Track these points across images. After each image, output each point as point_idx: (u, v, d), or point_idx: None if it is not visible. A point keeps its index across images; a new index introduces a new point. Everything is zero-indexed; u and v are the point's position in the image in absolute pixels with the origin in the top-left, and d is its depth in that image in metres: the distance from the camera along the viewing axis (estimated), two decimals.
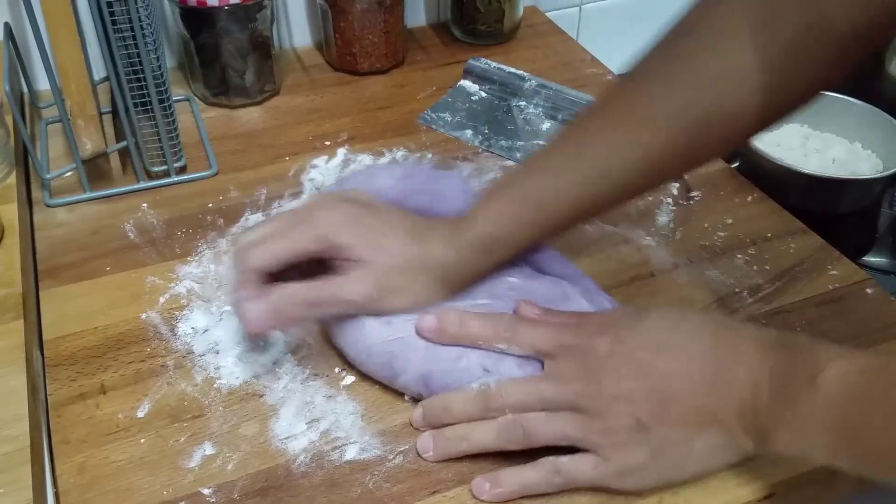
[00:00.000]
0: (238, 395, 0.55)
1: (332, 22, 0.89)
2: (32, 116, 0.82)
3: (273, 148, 0.79)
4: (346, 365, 0.57)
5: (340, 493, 0.50)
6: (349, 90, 0.89)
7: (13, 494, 0.47)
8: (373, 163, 0.77)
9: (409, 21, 0.97)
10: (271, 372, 0.57)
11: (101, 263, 0.66)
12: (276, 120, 0.84)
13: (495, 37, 0.97)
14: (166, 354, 0.58)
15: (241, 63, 0.83)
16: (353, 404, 0.55)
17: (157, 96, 0.70)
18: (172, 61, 0.91)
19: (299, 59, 0.94)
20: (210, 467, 0.51)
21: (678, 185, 0.74)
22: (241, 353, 0.57)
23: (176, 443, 0.53)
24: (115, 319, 0.61)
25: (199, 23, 0.81)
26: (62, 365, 0.57)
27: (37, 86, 0.81)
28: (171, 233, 0.69)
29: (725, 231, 0.69)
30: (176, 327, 0.60)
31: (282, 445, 0.52)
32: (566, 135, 0.55)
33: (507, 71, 0.87)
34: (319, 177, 0.75)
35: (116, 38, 0.67)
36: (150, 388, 0.56)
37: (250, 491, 0.50)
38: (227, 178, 0.75)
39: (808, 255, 0.67)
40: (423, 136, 0.81)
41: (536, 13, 1.04)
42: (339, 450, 0.52)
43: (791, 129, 0.83)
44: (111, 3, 0.65)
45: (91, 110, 0.70)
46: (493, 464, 0.51)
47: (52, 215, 0.71)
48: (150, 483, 0.50)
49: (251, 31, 0.82)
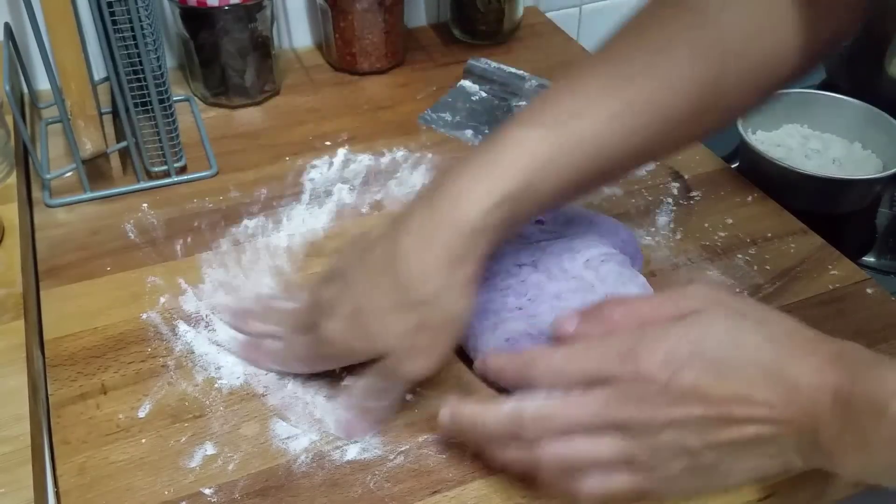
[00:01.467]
0: (239, 395, 0.55)
1: (333, 22, 0.89)
2: (33, 116, 0.82)
3: (273, 148, 0.79)
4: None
5: (341, 494, 0.50)
6: (349, 90, 0.89)
7: (14, 494, 0.47)
8: (373, 162, 0.77)
9: (409, 21, 0.97)
10: (272, 372, 0.57)
11: (101, 263, 0.66)
12: (276, 120, 0.84)
13: (495, 37, 0.97)
14: (167, 354, 0.58)
15: (241, 63, 0.83)
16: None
17: (158, 96, 0.70)
18: (172, 61, 0.91)
19: (299, 59, 0.94)
20: (211, 467, 0.51)
21: (678, 185, 0.74)
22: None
23: (177, 443, 0.52)
24: (116, 319, 0.61)
25: (199, 23, 0.81)
26: (63, 365, 0.57)
27: (37, 86, 0.81)
28: (171, 233, 0.69)
29: (726, 231, 0.69)
30: (176, 327, 0.60)
31: (282, 445, 0.52)
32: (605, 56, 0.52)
33: (507, 71, 0.87)
34: (319, 177, 0.75)
35: (116, 37, 0.67)
36: (151, 388, 0.56)
37: (251, 491, 0.50)
38: (227, 179, 0.75)
39: (808, 255, 0.67)
40: (423, 136, 0.81)
41: (536, 13, 1.04)
42: (340, 450, 0.52)
43: (791, 129, 0.83)
44: (111, 2, 0.65)
45: (91, 110, 0.70)
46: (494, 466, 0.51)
47: (52, 215, 0.71)
48: (151, 483, 0.50)
49: (251, 31, 0.82)
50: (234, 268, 0.65)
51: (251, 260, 0.66)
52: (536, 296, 0.56)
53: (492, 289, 0.57)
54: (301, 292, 0.58)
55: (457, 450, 0.52)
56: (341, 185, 0.74)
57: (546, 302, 0.55)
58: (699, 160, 0.77)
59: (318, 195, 0.73)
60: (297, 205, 0.72)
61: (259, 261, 0.66)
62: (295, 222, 0.70)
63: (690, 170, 0.76)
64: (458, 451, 0.52)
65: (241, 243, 0.68)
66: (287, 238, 0.68)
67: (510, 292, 0.57)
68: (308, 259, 0.66)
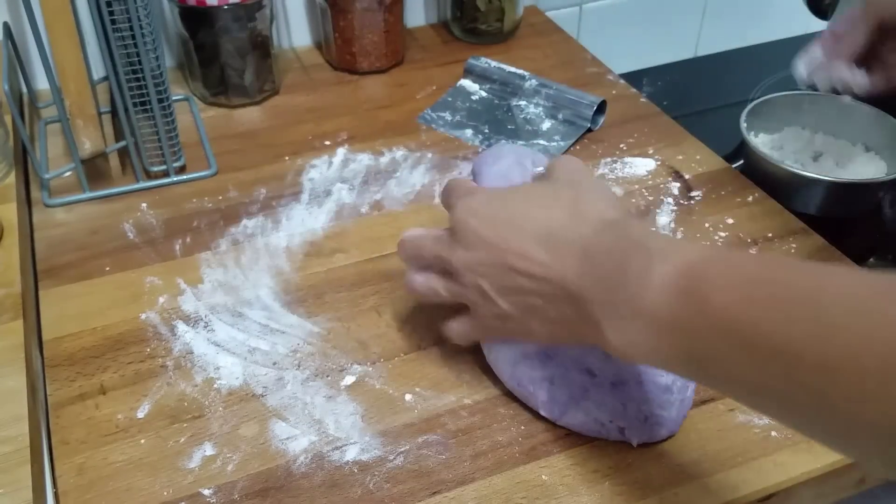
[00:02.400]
0: (238, 395, 0.55)
1: (332, 21, 0.89)
2: (31, 116, 0.82)
3: (272, 148, 0.79)
4: (346, 365, 0.57)
5: (341, 494, 0.50)
6: (349, 90, 0.89)
7: (13, 495, 0.47)
8: (372, 162, 0.77)
9: (409, 20, 0.97)
10: (271, 373, 0.57)
11: (100, 263, 0.65)
12: (275, 119, 0.84)
13: (495, 36, 0.97)
14: (166, 355, 0.58)
15: (241, 62, 0.83)
16: (353, 405, 0.55)
17: (157, 96, 0.70)
18: (171, 61, 0.91)
19: (299, 59, 0.94)
20: (210, 468, 0.51)
21: (679, 184, 0.74)
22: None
23: (176, 443, 0.52)
24: (115, 319, 0.61)
25: (198, 22, 0.80)
26: (61, 365, 0.57)
27: (36, 85, 0.81)
28: (170, 233, 0.69)
29: (726, 231, 0.69)
30: (175, 327, 0.60)
31: (282, 446, 0.52)
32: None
33: (507, 70, 0.87)
34: (319, 176, 0.75)
35: (116, 37, 0.67)
36: (150, 389, 0.56)
37: (250, 492, 0.50)
38: (226, 178, 0.75)
39: (809, 255, 0.67)
40: (423, 135, 0.81)
41: (536, 12, 1.04)
42: (340, 450, 0.52)
43: (793, 131, 0.83)
44: (110, 2, 0.65)
45: (90, 110, 0.69)
46: (491, 461, 0.51)
47: (51, 215, 0.71)
48: (150, 484, 0.50)
49: (250, 30, 0.82)
50: (234, 268, 0.65)
51: (250, 260, 0.66)
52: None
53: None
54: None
55: (457, 450, 0.52)
56: (341, 184, 0.74)
57: None
58: (700, 160, 0.77)
59: (317, 195, 0.73)
60: (296, 204, 0.72)
61: (258, 261, 0.66)
62: (294, 222, 0.70)
63: (691, 170, 0.76)
64: (458, 452, 0.52)
65: (240, 243, 0.68)
66: (286, 238, 0.68)
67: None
68: (307, 259, 0.66)
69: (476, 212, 0.51)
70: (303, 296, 0.63)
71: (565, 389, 0.52)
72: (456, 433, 0.53)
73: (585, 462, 0.51)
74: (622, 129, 0.82)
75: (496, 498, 0.49)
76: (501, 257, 0.48)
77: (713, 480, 0.50)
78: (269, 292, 0.63)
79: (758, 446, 0.52)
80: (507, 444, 0.52)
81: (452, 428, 0.53)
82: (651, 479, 0.50)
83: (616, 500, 0.49)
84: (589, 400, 0.52)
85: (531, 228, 0.48)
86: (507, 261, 0.48)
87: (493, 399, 0.55)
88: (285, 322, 0.61)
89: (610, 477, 0.51)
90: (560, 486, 0.50)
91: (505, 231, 0.49)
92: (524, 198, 0.51)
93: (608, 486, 0.50)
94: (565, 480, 0.50)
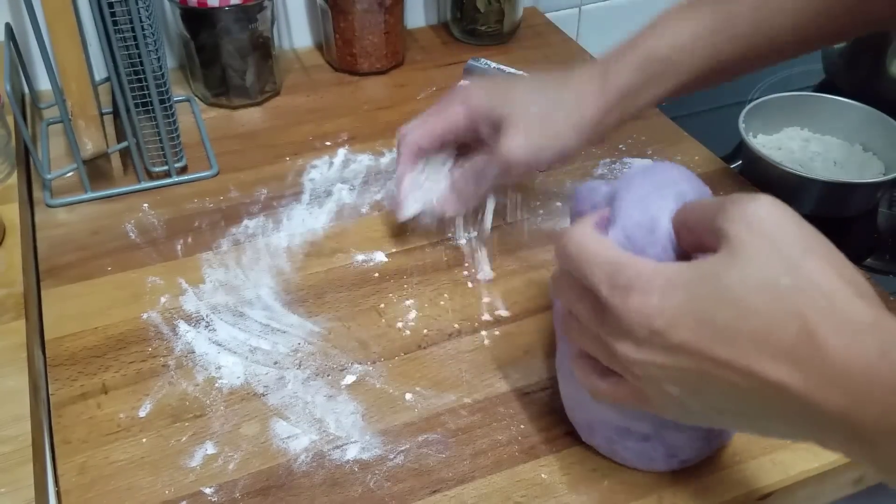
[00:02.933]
0: (239, 394, 0.56)
1: (333, 22, 0.89)
2: (33, 117, 0.82)
3: (273, 148, 0.79)
4: (346, 364, 0.57)
5: (341, 493, 0.50)
6: (349, 90, 0.89)
7: (15, 494, 0.47)
8: (373, 163, 0.77)
9: (409, 21, 0.97)
10: (272, 372, 0.57)
11: (101, 263, 0.66)
12: (276, 120, 0.84)
13: (495, 37, 0.97)
14: (167, 354, 0.58)
15: (242, 63, 0.83)
16: (353, 404, 0.55)
17: (158, 96, 0.70)
18: (173, 62, 0.91)
19: (299, 60, 0.95)
20: (211, 467, 0.51)
21: None
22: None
23: (177, 442, 0.53)
24: (116, 319, 0.61)
25: (199, 23, 0.81)
26: (63, 365, 0.57)
27: (38, 86, 0.81)
28: (171, 233, 0.69)
29: None
30: (177, 327, 0.60)
31: (283, 445, 0.52)
32: None
33: (506, 71, 0.87)
34: (319, 177, 0.75)
35: (117, 38, 0.67)
36: (152, 388, 0.56)
37: (252, 490, 0.50)
38: (227, 179, 0.75)
39: None
40: None
41: (536, 13, 1.04)
42: (340, 449, 0.52)
43: (791, 132, 0.83)
44: (112, 3, 0.65)
45: (92, 110, 0.70)
46: (491, 460, 0.51)
47: (53, 215, 0.71)
48: (152, 483, 0.50)
49: (251, 31, 0.82)
50: (235, 268, 0.66)
51: (251, 260, 0.66)
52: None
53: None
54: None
55: (457, 449, 0.52)
56: (341, 185, 0.74)
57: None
58: (699, 160, 0.77)
59: (318, 195, 0.73)
60: (297, 205, 0.72)
61: (259, 261, 0.66)
62: (295, 222, 0.70)
63: (690, 170, 0.76)
64: (457, 451, 0.52)
65: (241, 243, 0.68)
66: (287, 238, 0.68)
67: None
68: (308, 259, 0.67)
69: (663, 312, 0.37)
70: (303, 295, 0.63)
71: (659, 445, 0.49)
72: (456, 432, 0.53)
73: (584, 461, 0.52)
74: (621, 130, 0.81)
75: (496, 496, 0.50)
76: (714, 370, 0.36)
77: (712, 479, 0.50)
78: (269, 292, 0.63)
79: (756, 445, 0.52)
80: (507, 442, 0.53)
81: (452, 427, 0.54)
82: (650, 477, 0.50)
83: (615, 499, 0.49)
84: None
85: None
86: (724, 375, 0.36)
87: (492, 398, 0.55)
88: (286, 322, 0.61)
89: (609, 476, 0.51)
90: (559, 484, 0.50)
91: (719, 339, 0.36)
92: (731, 288, 0.36)
93: (607, 485, 0.50)
94: (564, 479, 0.51)
